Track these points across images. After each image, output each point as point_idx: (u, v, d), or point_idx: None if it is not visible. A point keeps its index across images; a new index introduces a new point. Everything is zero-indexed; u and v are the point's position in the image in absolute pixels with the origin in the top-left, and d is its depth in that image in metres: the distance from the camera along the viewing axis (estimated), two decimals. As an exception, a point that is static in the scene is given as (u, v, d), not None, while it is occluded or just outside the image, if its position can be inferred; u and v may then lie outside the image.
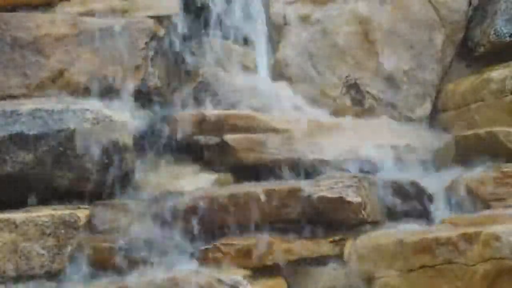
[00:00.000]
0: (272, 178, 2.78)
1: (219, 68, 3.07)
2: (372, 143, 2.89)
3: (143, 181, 2.76)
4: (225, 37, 3.13)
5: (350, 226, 2.62)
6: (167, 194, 2.70)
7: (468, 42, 3.19)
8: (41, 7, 2.96)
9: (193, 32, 3.08)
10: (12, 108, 2.63)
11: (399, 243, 2.46)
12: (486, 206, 2.65)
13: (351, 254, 2.57)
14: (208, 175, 2.82)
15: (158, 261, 2.59)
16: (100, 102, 2.75)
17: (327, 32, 3.16)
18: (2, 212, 2.56)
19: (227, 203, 2.62)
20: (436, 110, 3.15)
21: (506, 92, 2.90)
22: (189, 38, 3.07)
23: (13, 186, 2.61)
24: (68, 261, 2.53)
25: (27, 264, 2.51)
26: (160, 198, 2.69)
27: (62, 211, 2.57)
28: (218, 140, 2.83)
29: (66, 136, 2.61)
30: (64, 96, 2.79)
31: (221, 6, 3.13)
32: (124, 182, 2.70)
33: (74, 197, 2.64)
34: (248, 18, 3.18)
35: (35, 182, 2.62)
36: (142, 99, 2.87)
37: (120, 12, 2.97)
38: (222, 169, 2.83)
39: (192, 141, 2.85)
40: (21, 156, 2.59)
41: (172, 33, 3.00)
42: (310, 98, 3.10)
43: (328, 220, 2.61)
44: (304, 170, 2.79)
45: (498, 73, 2.95)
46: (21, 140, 2.59)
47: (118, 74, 2.83)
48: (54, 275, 2.53)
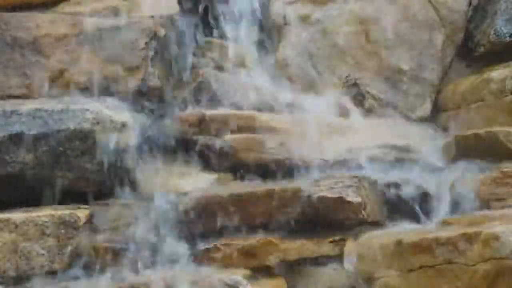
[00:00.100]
0: (272, 178, 2.78)
1: (219, 68, 3.07)
2: (372, 143, 2.89)
3: (143, 181, 2.76)
4: (225, 37, 3.13)
5: (350, 226, 2.62)
6: (167, 194, 2.70)
7: (468, 42, 3.18)
8: (41, 7, 2.96)
9: (193, 32, 3.08)
10: (12, 108, 2.64)
11: (399, 243, 2.46)
12: (486, 206, 2.65)
13: (351, 254, 2.57)
14: (208, 175, 2.82)
15: (158, 261, 2.59)
16: (100, 102, 2.75)
17: (327, 32, 3.16)
18: (2, 212, 2.56)
19: (227, 203, 2.62)
20: (436, 110, 3.15)
21: (506, 92, 2.90)
22: (189, 38, 3.07)
23: (13, 186, 2.61)
24: (68, 261, 2.54)
25: (27, 264, 2.51)
26: (160, 198, 2.69)
27: (62, 211, 2.57)
28: (218, 140, 2.83)
29: (66, 136, 2.61)
30: (64, 96, 2.79)
31: (221, 6, 3.13)
32: (124, 182, 2.70)
33: (74, 197, 2.64)
34: (248, 18, 3.18)
35: (35, 182, 2.62)
36: (142, 99, 2.87)
37: (120, 12, 2.97)
38: (222, 169, 2.83)
39: (192, 141, 2.85)
40: (21, 156, 2.59)
41: (172, 33, 3.00)
42: (309, 98, 3.10)
43: (328, 220, 2.61)
44: (304, 170, 2.79)
45: (498, 73, 2.95)
46: (21, 140, 2.59)
47: (118, 74, 2.83)
48: (54, 275, 2.53)
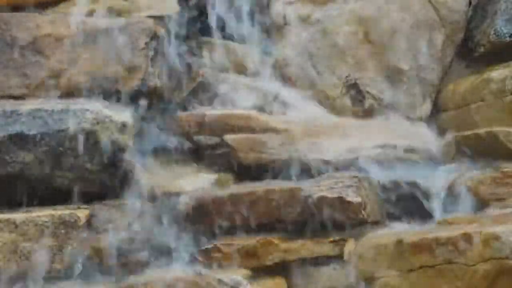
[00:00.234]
0: (272, 178, 2.78)
1: (219, 68, 3.07)
2: (372, 143, 2.89)
3: (143, 181, 2.76)
4: (225, 37, 3.13)
5: (350, 226, 2.62)
6: (167, 194, 2.70)
7: (468, 42, 3.18)
8: (41, 7, 2.95)
9: (193, 32, 3.08)
10: (12, 108, 2.63)
11: (399, 243, 2.46)
12: (486, 206, 2.65)
13: (351, 254, 2.57)
14: (208, 175, 2.82)
15: (158, 261, 2.59)
16: (100, 102, 2.75)
17: (327, 32, 3.16)
18: (2, 212, 2.56)
19: (227, 203, 2.62)
20: (436, 110, 3.15)
21: (506, 92, 2.90)
22: (189, 38, 3.07)
23: (13, 186, 2.61)
24: (68, 261, 2.53)
25: (27, 264, 2.51)
26: (160, 198, 2.69)
27: (62, 211, 2.57)
28: (218, 140, 2.83)
29: (66, 136, 2.61)
30: (64, 96, 2.79)
31: (221, 6, 3.13)
32: (124, 182, 2.70)
33: (74, 197, 2.64)
34: (248, 18, 3.18)
35: (35, 182, 2.62)
36: (142, 99, 2.87)
37: (120, 12, 2.97)
38: (222, 169, 2.83)
39: (192, 141, 2.85)
40: (21, 156, 2.59)
41: (173, 33, 3.00)
42: (310, 98, 3.10)
43: (328, 220, 2.61)
44: (304, 170, 2.79)
45: (498, 73, 2.95)
46: (21, 140, 2.59)
47: (118, 74, 2.83)
48: (54, 275, 2.53)
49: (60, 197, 2.63)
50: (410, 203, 2.71)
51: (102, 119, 2.64)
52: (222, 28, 3.13)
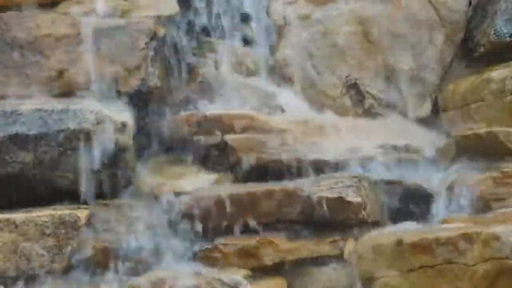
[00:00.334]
0: (272, 178, 2.78)
1: (219, 68, 3.07)
2: (372, 143, 2.89)
3: (143, 181, 2.76)
4: (225, 37, 3.13)
5: (350, 226, 2.62)
6: (167, 194, 2.70)
7: (468, 42, 3.18)
8: (41, 7, 2.96)
9: (193, 32, 3.08)
10: (12, 108, 2.63)
11: (399, 243, 2.46)
12: (486, 206, 2.65)
13: (351, 254, 2.57)
14: (208, 175, 2.82)
15: (158, 261, 2.59)
16: (100, 102, 2.75)
17: (327, 32, 3.16)
18: (2, 212, 2.56)
19: (227, 203, 2.62)
20: (436, 110, 3.15)
21: (506, 92, 2.90)
22: (189, 38, 3.07)
23: (13, 186, 2.61)
24: (68, 261, 2.53)
25: (27, 264, 2.51)
26: (160, 198, 2.69)
27: (62, 211, 2.57)
28: (218, 140, 2.83)
29: (66, 136, 2.61)
30: (64, 96, 2.79)
31: (221, 6, 3.13)
32: (124, 182, 2.70)
33: (74, 197, 2.64)
34: (248, 18, 3.18)
35: (35, 182, 2.62)
36: (142, 99, 2.87)
37: (120, 12, 2.97)
38: (222, 169, 2.83)
39: (192, 141, 2.85)
40: (21, 156, 2.59)
41: (172, 33, 3.00)
42: (310, 98, 3.10)
43: (328, 220, 2.61)
44: (304, 170, 2.79)
45: (498, 73, 2.95)
46: (21, 140, 2.59)
47: (118, 74, 2.83)
48: (54, 275, 2.53)
49: (60, 197, 2.63)
50: (410, 203, 2.71)
51: (102, 119, 2.64)
52: (222, 28, 3.13)
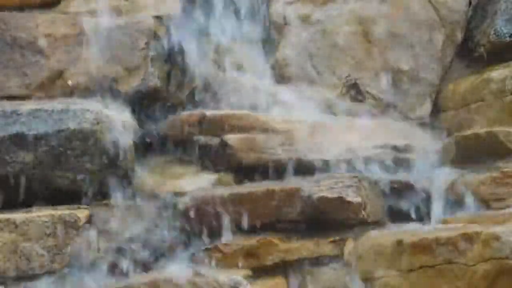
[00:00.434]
0: (272, 178, 2.78)
1: (219, 68, 3.07)
2: (372, 143, 2.89)
3: (143, 181, 2.76)
4: (225, 37, 3.13)
5: (350, 226, 2.62)
6: (167, 194, 2.70)
7: (468, 42, 3.18)
8: (41, 7, 2.95)
9: (193, 32, 3.08)
10: (12, 108, 2.63)
11: (399, 243, 2.46)
12: (486, 206, 2.65)
13: (351, 254, 2.57)
14: (208, 175, 2.82)
15: (158, 261, 2.59)
16: (100, 102, 2.75)
17: (327, 32, 3.16)
18: (2, 212, 2.56)
19: (227, 203, 2.62)
20: (436, 110, 3.14)
21: (506, 92, 2.90)
22: (189, 38, 3.07)
23: (13, 186, 2.61)
24: (68, 261, 2.53)
25: (27, 264, 2.51)
26: (160, 198, 2.69)
27: (62, 211, 2.57)
28: (218, 140, 2.83)
29: (66, 136, 2.61)
30: (64, 96, 2.79)
31: (221, 6, 3.13)
32: (124, 182, 2.70)
33: (74, 197, 2.64)
34: (248, 18, 3.18)
35: (35, 182, 2.62)
36: (142, 99, 2.87)
37: (120, 12, 2.97)
38: (222, 169, 2.83)
39: (192, 141, 2.85)
40: (21, 156, 2.59)
41: (172, 33, 3.00)
42: (310, 98, 3.10)
43: (328, 220, 2.61)
44: (304, 170, 2.79)
45: (498, 73, 2.95)
46: (21, 140, 2.59)
47: (118, 74, 2.83)
48: (54, 275, 2.52)
49: (60, 197, 2.63)
50: (410, 203, 2.71)
51: (102, 119, 2.64)
52: (222, 28, 3.13)
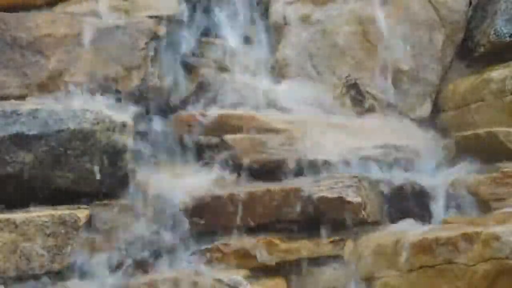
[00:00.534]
0: (272, 178, 2.78)
1: (219, 68, 3.07)
2: (372, 143, 2.89)
3: (143, 181, 2.76)
4: (225, 37, 3.13)
5: (350, 226, 2.62)
6: (167, 194, 2.70)
7: (468, 42, 3.18)
8: (41, 7, 2.96)
9: (193, 32, 3.08)
10: (12, 108, 2.63)
11: (399, 243, 2.46)
12: (486, 206, 2.65)
13: (351, 254, 2.57)
14: (208, 175, 2.82)
15: (158, 261, 2.59)
16: (100, 102, 2.75)
17: (327, 32, 3.16)
18: (2, 212, 2.56)
19: (227, 203, 2.62)
20: (436, 110, 3.15)
21: (506, 92, 2.90)
22: (189, 38, 3.07)
23: (13, 186, 2.61)
24: (68, 261, 2.53)
25: (27, 264, 2.51)
26: (160, 198, 2.69)
27: (62, 211, 2.57)
28: (218, 140, 2.83)
29: (66, 136, 2.61)
30: (64, 96, 2.79)
31: (221, 6, 3.13)
32: (124, 182, 2.70)
33: (74, 197, 2.64)
34: (248, 18, 3.18)
35: (35, 182, 2.62)
36: (142, 99, 2.87)
37: (120, 12, 2.97)
38: (222, 169, 2.83)
39: (192, 141, 2.85)
40: (21, 156, 2.59)
41: (172, 33, 3.00)
42: (310, 98, 3.10)
43: (328, 220, 2.61)
44: (304, 170, 2.79)
45: (498, 73, 2.95)
46: (21, 140, 2.59)
47: (118, 74, 2.83)
48: (54, 275, 2.53)
49: (60, 197, 2.63)
50: (410, 203, 2.71)
51: (102, 119, 2.64)
52: (222, 28, 3.13)
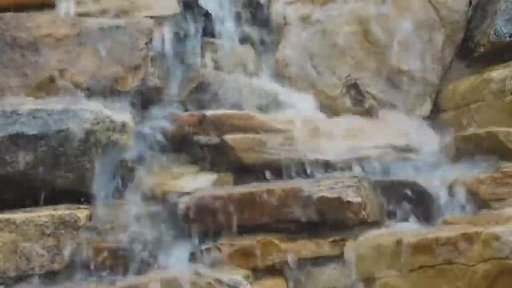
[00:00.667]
0: (272, 178, 2.78)
1: (219, 68, 3.08)
2: (372, 143, 2.89)
3: (143, 181, 2.76)
4: (225, 37, 3.13)
5: (350, 226, 2.62)
6: (167, 194, 2.70)
7: (468, 42, 3.19)
8: (41, 7, 2.96)
9: (193, 32, 3.08)
10: (12, 108, 2.63)
11: (399, 243, 2.46)
12: (486, 206, 2.65)
13: (351, 254, 2.57)
14: (208, 175, 2.82)
15: (158, 261, 2.59)
16: (100, 102, 2.75)
17: (327, 32, 3.16)
18: (2, 212, 2.56)
19: (227, 203, 2.62)
20: (436, 110, 3.15)
21: (506, 92, 2.90)
22: (189, 38, 3.07)
23: (13, 186, 2.61)
24: (68, 261, 2.53)
25: (27, 264, 2.51)
26: (160, 198, 2.69)
27: (62, 211, 2.57)
28: (218, 140, 2.83)
29: (66, 136, 2.61)
30: (64, 96, 2.79)
31: (222, 7, 3.13)
32: (124, 182, 2.70)
33: (74, 197, 2.64)
34: (248, 18, 3.18)
35: (35, 182, 2.62)
36: (142, 99, 2.87)
37: (120, 12, 2.97)
38: (222, 169, 2.83)
39: (192, 141, 2.85)
40: (21, 156, 2.59)
41: (173, 33, 3.00)
42: (310, 98, 3.10)
43: (328, 220, 2.61)
44: (304, 170, 2.79)
45: (498, 73, 2.95)
46: (21, 140, 2.59)
47: (118, 74, 2.83)
48: (54, 275, 2.53)
49: (60, 197, 2.63)
50: (410, 203, 2.71)
51: (102, 119, 2.64)
52: (222, 28, 3.13)
